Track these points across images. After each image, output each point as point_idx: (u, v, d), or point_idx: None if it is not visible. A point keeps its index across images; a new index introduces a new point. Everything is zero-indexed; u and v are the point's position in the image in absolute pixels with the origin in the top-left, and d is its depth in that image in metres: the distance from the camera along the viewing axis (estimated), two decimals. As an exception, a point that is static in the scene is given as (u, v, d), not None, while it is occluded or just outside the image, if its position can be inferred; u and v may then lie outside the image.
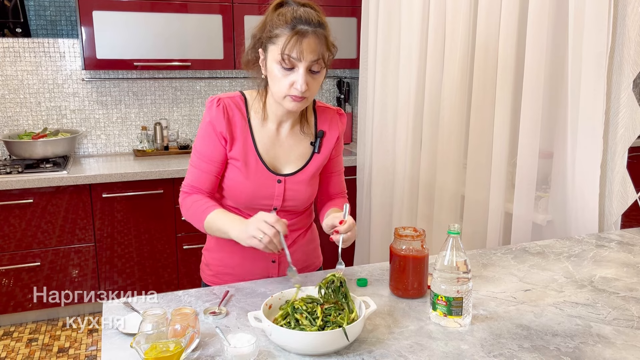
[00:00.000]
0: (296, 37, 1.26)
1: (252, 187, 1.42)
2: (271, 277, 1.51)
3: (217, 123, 1.40)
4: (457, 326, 1.19)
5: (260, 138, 1.44)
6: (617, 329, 1.19)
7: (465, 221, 2.50)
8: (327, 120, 1.51)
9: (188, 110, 3.57)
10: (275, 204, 1.45)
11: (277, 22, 1.29)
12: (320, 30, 1.29)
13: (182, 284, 3.13)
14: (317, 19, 1.29)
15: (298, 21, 1.27)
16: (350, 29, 3.41)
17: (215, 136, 1.41)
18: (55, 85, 3.28)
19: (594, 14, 1.87)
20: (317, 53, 1.28)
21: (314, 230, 1.64)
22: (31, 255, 2.87)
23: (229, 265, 1.52)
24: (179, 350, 1.01)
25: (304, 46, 1.26)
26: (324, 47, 1.30)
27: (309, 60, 1.28)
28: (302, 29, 1.26)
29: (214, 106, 1.40)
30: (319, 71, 1.32)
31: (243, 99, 1.45)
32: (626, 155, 1.94)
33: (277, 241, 1.23)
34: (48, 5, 3.25)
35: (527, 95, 2.11)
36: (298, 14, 1.28)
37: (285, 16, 1.28)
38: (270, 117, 1.44)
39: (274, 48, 1.29)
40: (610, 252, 1.67)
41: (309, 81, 1.30)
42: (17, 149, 2.99)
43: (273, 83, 1.33)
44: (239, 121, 1.42)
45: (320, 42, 1.29)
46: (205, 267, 1.59)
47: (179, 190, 1.48)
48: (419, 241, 1.33)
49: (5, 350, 2.76)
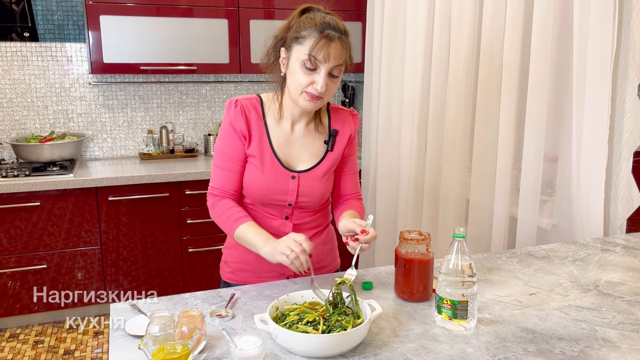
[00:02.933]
0: (324, 41, 1.33)
1: (267, 183, 1.47)
2: (287, 274, 1.54)
3: (236, 123, 1.46)
4: (462, 329, 1.19)
5: (275, 136, 1.49)
6: (622, 333, 1.19)
7: (470, 225, 2.50)
8: (341, 120, 1.56)
9: (194, 114, 3.59)
10: (289, 199, 1.49)
11: (306, 24, 1.36)
12: (345, 38, 1.38)
13: (187, 287, 3.14)
14: (343, 28, 1.38)
15: (327, 26, 1.35)
16: (355, 33, 3.42)
17: (236, 135, 1.47)
18: (62, 89, 3.30)
19: (599, 18, 1.87)
20: (340, 58, 1.36)
21: (331, 232, 1.66)
22: (37, 258, 2.89)
23: (246, 262, 1.55)
24: (186, 352, 1.02)
25: (331, 50, 1.34)
26: (347, 54, 1.39)
27: (332, 64, 1.35)
28: (330, 33, 1.34)
29: (232, 107, 1.47)
30: (337, 76, 1.39)
31: (259, 101, 1.51)
32: (631, 160, 1.94)
33: (303, 259, 1.27)
34: (56, 10, 3.28)
35: (532, 99, 2.11)
36: (327, 20, 1.36)
37: (314, 20, 1.36)
38: (285, 116, 1.50)
39: (300, 48, 1.36)
40: (616, 256, 1.67)
41: (328, 83, 1.36)
42: (24, 152, 3.02)
43: (292, 80, 1.39)
44: (256, 120, 1.48)
45: (344, 49, 1.37)
46: (224, 265, 1.63)
47: (184, 193, 1.51)
48: (424, 245, 1.34)
49: (11, 352, 2.77)
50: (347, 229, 1.39)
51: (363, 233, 1.34)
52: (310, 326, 1.13)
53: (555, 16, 2.05)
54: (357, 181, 1.65)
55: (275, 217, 1.52)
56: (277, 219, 1.52)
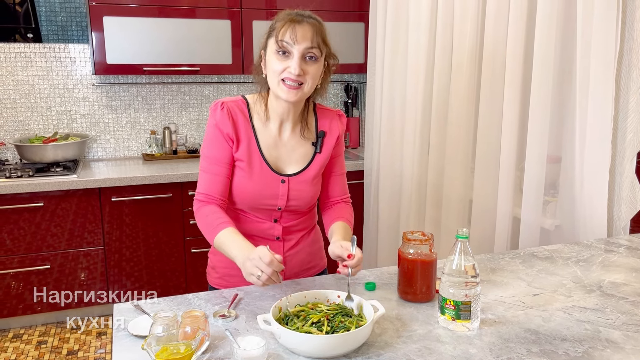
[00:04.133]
0: (290, 24, 1.34)
1: (256, 188, 1.45)
2: None
3: (222, 125, 1.43)
4: (466, 330, 1.19)
5: (263, 139, 1.47)
6: (626, 334, 1.19)
7: (473, 225, 2.50)
8: (328, 121, 1.54)
9: (196, 115, 3.60)
10: (279, 203, 1.47)
11: (277, 18, 1.38)
12: (313, 21, 1.37)
13: (190, 288, 3.14)
14: (313, 15, 1.37)
15: (295, 14, 1.37)
16: (358, 34, 3.42)
17: (222, 138, 1.44)
18: (65, 90, 3.31)
19: (602, 18, 1.87)
20: (311, 40, 1.34)
21: (318, 232, 1.65)
22: (41, 259, 2.90)
23: (234, 267, 1.52)
24: (189, 353, 1.02)
25: (298, 31, 1.33)
26: (319, 37, 1.36)
27: (303, 45, 1.34)
28: (296, 17, 1.35)
29: (218, 109, 1.44)
30: (315, 60, 1.36)
31: (245, 103, 1.49)
32: (635, 160, 1.93)
33: (275, 278, 1.24)
34: (59, 11, 3.29)
35: (535, 99, 2.11)
36: (297, 11, 1.38)
37: (284, 12, 1.38)
38: (272, 117, 1.47)
39: (272, 41, 1.37)
40: (619, 257, 1.67)
41: (303, 67, 1.35)
42: (28, 153, 3.03)
43: (269, 72, 1.38)
44: (243, 123, 1.46)
45: (315, 31, 1.35)
46: (211, 270, 1.60)
47: (187, 194, 1.50)
48: (427, 245, 1.34)
49: (15, 353, 2.78)
50: (335, 255, 1.37)
51: (350, 258, 1.32)
52: (314, 327, 1.13)
53: (558, 16, 2.05)
54: (345, 183, 1.63)
55: (264, 220, 1.50)
56: (266, 222, 1.51)
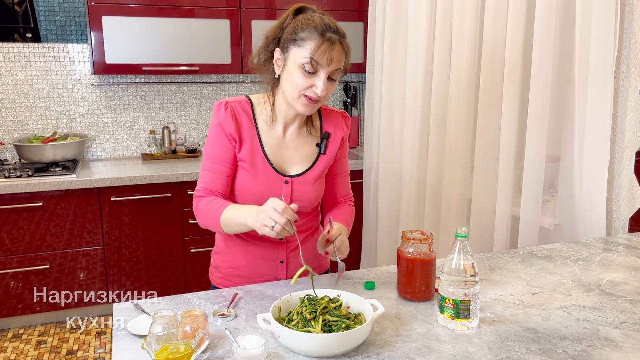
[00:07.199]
0: (327, 44, 1.30)
1: (260, 188, 1.44)
2: (279, 278, 1.53)
3: (225, 125, 1.42)
4: (465, 329, 1.19)
5: (267, 140, 1.46)
6: (624, 333, 1.19)
7: (472, 225, 2.50)
8: (332, 122, 1.54)
9: (196, 114, 3.60)
10: None
11: (304, 25, 1.32)
12: (345, 42, 1.35)
13: (189, 287, 3.14)
14: (342, 30, 1.35)
15: (327, 28, 1.32)
16: (357, 34, 3.42)
17: (225, 137, 1.43)
18: (64, 90, 3.31)
19: (601, 17, 1.87)
20: (340, 62, 1.34)
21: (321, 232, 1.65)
22: (40, 258, 2.90)
23: (238, 267, 1.54)
24: (189, 352, 1.02)
25: (334, 54, 1.31)
26: (348, 61, 1.37)
27: (333, 67, 1.33)
28: (332, 36, 1.31)
29: (222, 109, 1.43)
30: (335, 80, 1.36)
31: (249, 103, 1.48)
32: (633, 159, 1.94)
33: (288, 228, 1.25)
34: (58, 11, 3.29)
35: (534, 99, 2.11)
36: (326, 22, 1.32)
37: (312, 21, 1.32)
38: (278, 119, 1.46)
39: (299, 50, 1.32)
40: (618, 255, 1.67)
41: (327, 87, 1.34)
42: (27, 152, 3.02)
43: (289, 82, 1.35)
44: (246, 123, 1.45)
45: (345, 53, 1.35)
46: (214, 270, 1.60)
47: (186, 193, 1.50)
48: (426, 244, 1.34)
49: (14, 353, 2.78)
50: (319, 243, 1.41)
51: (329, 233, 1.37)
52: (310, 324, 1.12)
53: (557, 15, 2.05)
54: (349, 183, 1.63)
55: None
56: None
